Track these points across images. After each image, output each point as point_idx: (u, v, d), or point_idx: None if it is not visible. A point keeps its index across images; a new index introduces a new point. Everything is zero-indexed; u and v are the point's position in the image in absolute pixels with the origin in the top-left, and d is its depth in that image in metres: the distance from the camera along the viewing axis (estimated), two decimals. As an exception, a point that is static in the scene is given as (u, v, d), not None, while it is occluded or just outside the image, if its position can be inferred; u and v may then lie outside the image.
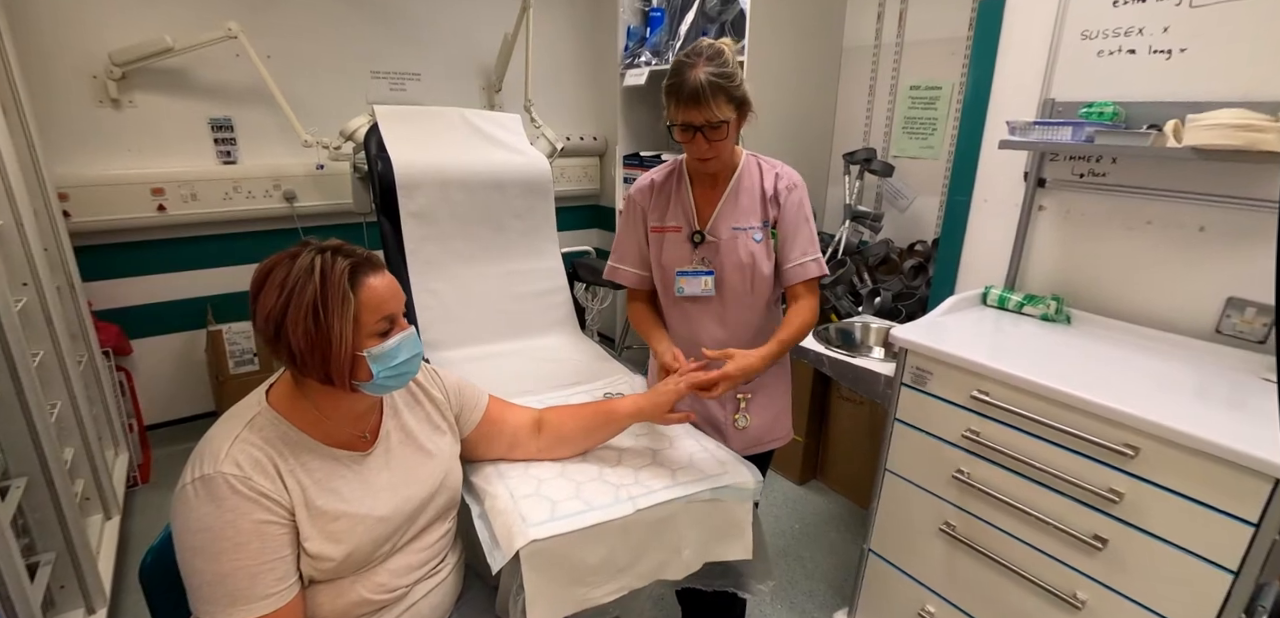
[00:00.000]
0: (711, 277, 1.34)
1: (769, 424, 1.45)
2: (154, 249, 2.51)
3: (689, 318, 1.40)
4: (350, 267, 0.89)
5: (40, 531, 1.48)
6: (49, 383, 1.67)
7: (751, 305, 1.37)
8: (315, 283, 0.86)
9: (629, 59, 2.78)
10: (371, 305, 0.91)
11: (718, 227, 1.33)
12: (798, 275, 1.33)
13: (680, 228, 1.36)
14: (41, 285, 1.68)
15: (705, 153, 1.23)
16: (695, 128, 1.20)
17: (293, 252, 0.90)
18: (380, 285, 0.93)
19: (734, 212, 1.33)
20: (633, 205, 1.42)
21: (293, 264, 0.88)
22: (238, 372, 2.59)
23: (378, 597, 0.98)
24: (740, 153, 1.36)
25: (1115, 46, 1.46)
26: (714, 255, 1.34)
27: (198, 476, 0.84)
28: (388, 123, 2.00)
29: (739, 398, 1.41)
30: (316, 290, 0.86)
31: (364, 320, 0.90)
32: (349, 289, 0.88)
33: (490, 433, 1.21)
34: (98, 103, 2.31)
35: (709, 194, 1.35)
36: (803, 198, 1.34)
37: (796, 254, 1.33)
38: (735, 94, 1.19)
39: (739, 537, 1.22)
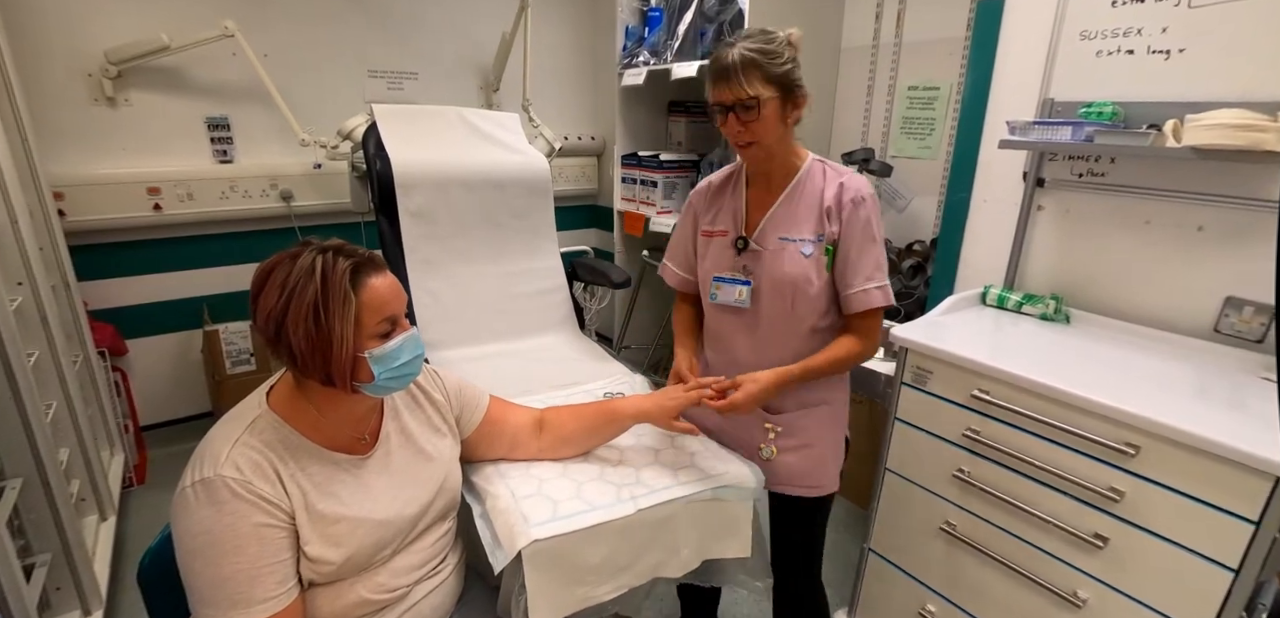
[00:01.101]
0: (748, 287, 1.24)
1: (804, 468, 1.29)
2: (150, 249, 2.50)
3: (722, 329, 1.32)
4: (352, 267, 0.89)
5: (36, 532, 1.47)
6: (44, 383, 1.66)
7: (790, 327, 1.23)
8: (316, 283, 0.86)
9: (627, 59, 2.78)
10: (373, 306, 0.90)
11: (765, 234, 1.23)
12: (859, 303, 1.18)
13: (727, 232, 1.27)
14: (36, 285, 1.67)
15: (739, 136, 1.14)
16: (727, 107, 1.12)
17: (294, 251, 0.89)
18: (382, 286, 0.92)
19: (785, 219, 1.21)
20: (689, 207, 1.36)
21: (293, 264, 0.87)
22: (234, 372, 2.58)
23: (378, 597, 0.97)
24: (804, 155, 1.23)
25: (1114, 47, 1.47)
26: (755, 264, 1.24)
27: (198, 478, 0.83)
28: (386, 122, 2.00)
29: (767, 427, 1.29)
30: (317, 291, 0.86)
31: (365, 321, 0.89)
32: (350, 290, 0.88)
33: (491, 434, 1.20)
34: (93, 101, 2.29)
35: (763, 197, 1.24)
36: (871, 215, 1.17)
37: (859, 279, 1.18)
38: (773, 71, 1.10)
39: (737, 535, 1.22)
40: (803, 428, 1.29)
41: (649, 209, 2.83)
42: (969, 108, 1.72)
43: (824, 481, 1.31)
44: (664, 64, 2.59)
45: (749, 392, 1.17)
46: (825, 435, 1.30)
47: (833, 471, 1.32)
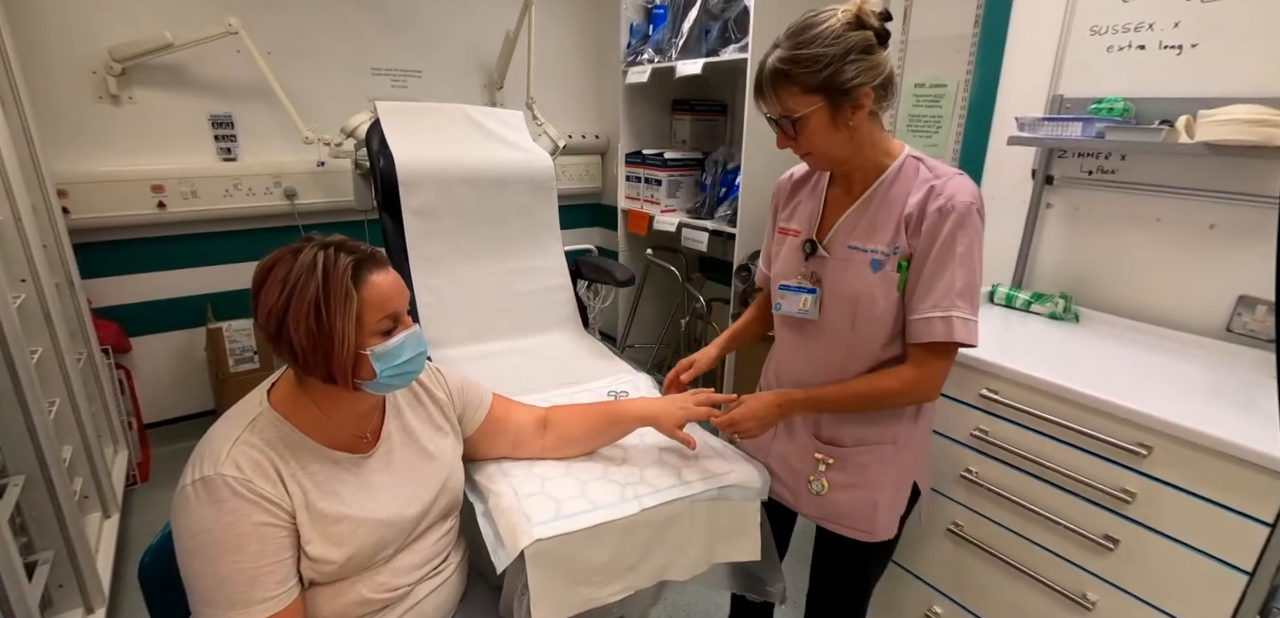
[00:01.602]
0: (813, 296, 1.11)
1: (852, 509, 1.16)
2: (154, 246, 2.50)
3: (783, 343, 1.21)
4: (353, 263, 0.88)
5: (38, 529, 1.47)
6: (47, 381, 1.66)
7: (851, 349, 1.10)
8: (317, 280, 0.85)
9: (631, 57, 2.77)
10: (375, 303, 0.89)
11: (835, 239, 1.09)
12: (917, 333, 1.02)
13: (799, 232, 1.15)
14: (40, 282, 1.67)
15: (793, 148, 1.04)
16: (774, 120, 1.03)
17: (295, 248, 0.88)
18: (384, 283, 0.91)
19: (859, 226, 1.07)
20: (771, 198, 1.25)
21: (294, 260, 0.86)
22: (238, 370, 2.57)
23: (379, 596, 0.97)
24: (896, 150, 1.06)
25: (1125, 42, 1.45)
26: (823, 272, 1.11)
27: (198, 477, 0.82)
28: (390, 119, 1.99)
29: (818, 458, 1.18)
30: (319, 287, 0.85)
31: (367, 319, 0.89)
32: (352, 286, 0.87)
33: (494, 432, 1.19)
34: (97, 99, 2.29)
35: (841, 198, 1.11)
36: (959, 229, 0.97)
37: (925, 305, 1.00)
38: (812, 79, 0.95)
39: (746, 537, 1.21)
40: (859, 466, 1.15)
41: (653, 208, 2.82)
42: (977, 105, 1.70)
43: (875, 526, 1.16)
44: (668, 62, 2.58)
45: (748, 409, 1.12)
46: (883, 478, 1.15)
47: (887, 517, 1.16)
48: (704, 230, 2.58)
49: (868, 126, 1.02)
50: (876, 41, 0.95)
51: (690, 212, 2.76)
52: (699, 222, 2.62)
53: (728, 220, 2.50)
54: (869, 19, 0.94)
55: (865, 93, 0.96)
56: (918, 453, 1.17)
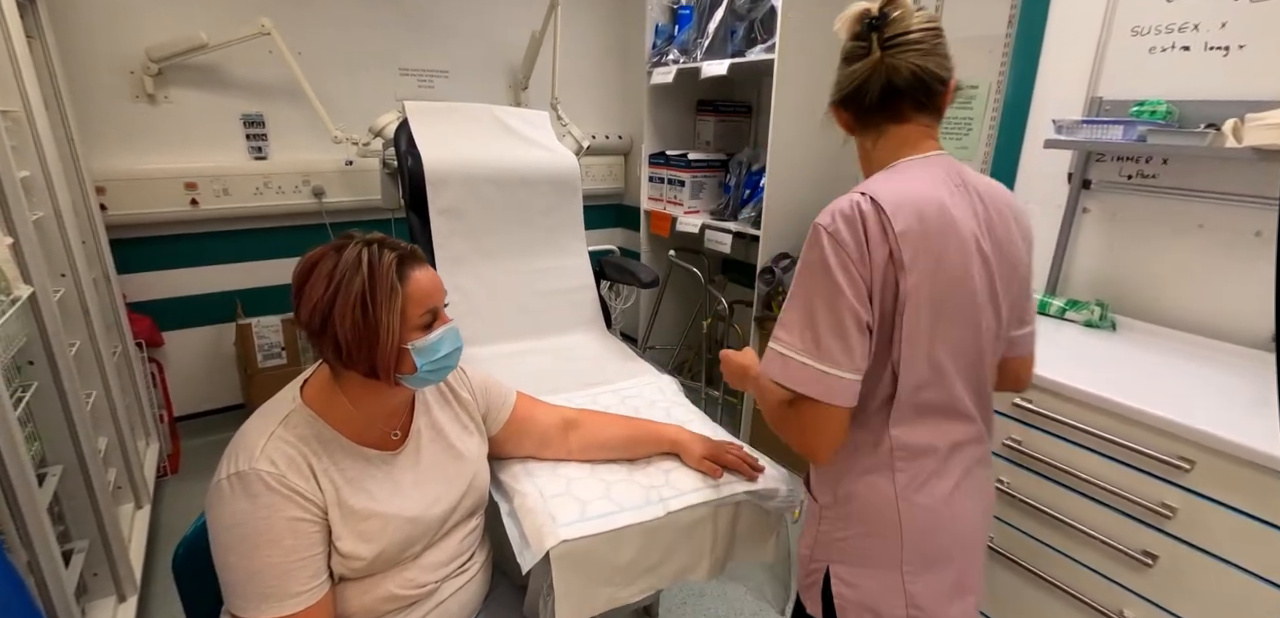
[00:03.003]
0: None
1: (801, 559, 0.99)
2: (186, 243, 2.55)
3: None
4: (397, 259, 0.90)
5: (75, 518, 1.50)
6: (85, 373, 1.69)
7: None
8: (364, 275, 0.87)
9: (656, 57, 2.76)
10: (417, 298, 0.91)
11: None
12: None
13: None
14: (79, 277, 1.71)
15: None
16: None
17: (338, 244, 0.90)
18: (424, 279, 0.93)
19: None
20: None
21: (339, 257, 0.88)
22: (266, 366, 2.61)
23: (407, 593, 0.97)
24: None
25: (1168, 43, 1.41)
26: None
27: (233, 471, 0.83)
28: (417, 119, 2.00)
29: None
30: (365, 282, 0.87)
31: (410, 313, 0.90)
32: (397, 281, 0.89)
33: (519, 431, 1.19)
34: (135, 98, 2.35)
35: None
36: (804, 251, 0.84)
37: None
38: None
39: (765, 541, 1.20)
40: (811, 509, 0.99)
41: (676, 209, 2.81)
42: (1011, 107, 1.67)
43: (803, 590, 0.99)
44: (693, 62, 2.57)
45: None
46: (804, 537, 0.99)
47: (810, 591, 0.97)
48: (727, 232, 2.56)
49: (875, 147, 0.91)
50: (857, 47, 0.88)
51: (713, 213, 2.75)
52: (722, 223, 2.61)
53: (752, 222, 2.48)
54: (844, 23, 0.90)
55: (834, 108, 0.95)
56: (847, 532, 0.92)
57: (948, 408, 0.88)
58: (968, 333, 0.86)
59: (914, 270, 0.80)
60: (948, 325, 0.84)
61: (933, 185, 0.84)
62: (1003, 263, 0.88)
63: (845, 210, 0.81)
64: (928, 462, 0.88)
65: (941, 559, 0.89)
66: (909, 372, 0.84)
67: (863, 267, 0.80)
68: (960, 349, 0.87)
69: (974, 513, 0.92)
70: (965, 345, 0.87)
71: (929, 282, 0.81)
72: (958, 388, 0.88)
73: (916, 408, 0.87)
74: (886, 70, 0.85)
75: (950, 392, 0.87)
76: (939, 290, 0.82)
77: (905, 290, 0.80)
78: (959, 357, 0.87)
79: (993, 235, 0.87)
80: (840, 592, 0.92)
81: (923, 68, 0.85)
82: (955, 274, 0.83)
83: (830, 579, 0.93)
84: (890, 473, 0.88)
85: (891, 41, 0.85)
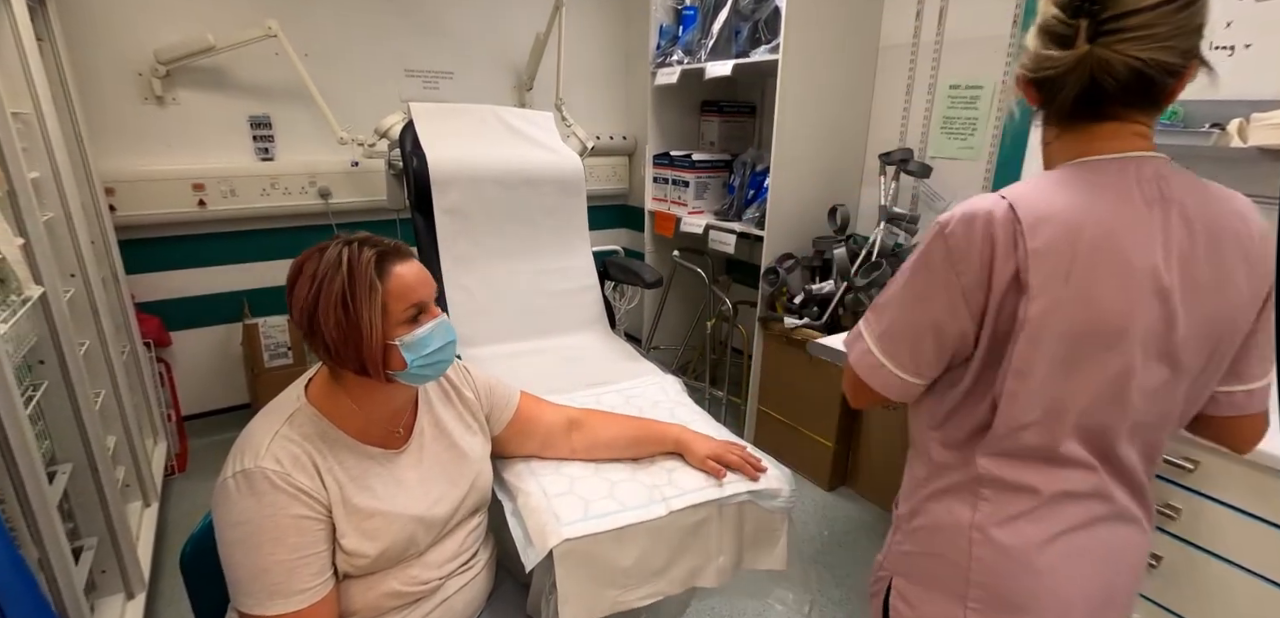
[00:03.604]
0: None
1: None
2: (194, 244, 2.57)
3: None
4: (377, 256, 0.90)
5: (84, 516, 1.52)
6: (94, 373, 1.71)
7: None
8: (343, 273, 0.88)
9: (661, 58, 2.76)
10: (398, 293, 0.91)
11: None
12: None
13: None
14: (88, 277, 1.73)
15: None
16: None
17: (322, 246, 0.91)
18: (407, 273, 0.93)
19: None
20: None
21: (321, 257, 0.89)
22: (273, 365, 2.63)
23: (410, 589, 0.98)
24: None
25: (1173, 42, 1.40)
26: None
27: (239, 470, 0.84)
28: (423, 120, 2.02)
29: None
30: (345, 281, 0.87)
31: (392, 308, 0.91)
32: (376, 278, 0.89)
33: (522, 431, 1.20)
34: (143, 100, 2.37)
35: None
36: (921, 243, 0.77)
37: None
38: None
39: (774, 546, 1.20)
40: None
41: (680, 209, 2.81)
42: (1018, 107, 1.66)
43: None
44: (698, 63, 2.57)
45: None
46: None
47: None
48: (731, 232, 2.57)
49: (1057, 139, 0.76)
50: (1059, 25, 0.70)
51: (717, 213, 2.75)
52: (726, 224, 2.61)
53: (756, 223, 2.48)
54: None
55: (1021, 82, 0.77)
56: (914, 548, 0.87)
57: (1053, 455, 0.75)
58: (1110, 383, 0.71)
59: (1043, 297, 0.68)
60: (1085, 370, 0.71)
61: (1107, 199, 0.69)
62: (1199, 305, 0.70)
63: (972, 212, 0.70)
64: (1020, 500, 0.77)
65: (1017, 610, 0.77)
66: (1012, 408, 0.73)
67: (974, 280, 0.71)
68: (1098, 400, 0.72)
69: (1082, 577, 0.77)
70: (1105, 396, 0.72)
71: (1064, 314, 0.68)
72: (1072, 440, 0.74)
73: (1014, 450, 0.76)
74: (1093, 65, 0.67)
75: (1059, 438, 0.74)
76: (1079, 326, 0.69)
77: (1025, 317, 0.69)
78: (1094, 408, 0.72)
79: (1188, 272, 0.69)
80: (897, 607, 0.87)
81: (1149, 60, 0.65)
82: (1106, 312, 0.68)
83: (891, 592, 0.89)
84: (972, 500, 0.79)
85: (1108, 27, 0.65)
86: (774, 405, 2.57)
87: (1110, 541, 0.78)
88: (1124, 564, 0.80)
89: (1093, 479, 0.76)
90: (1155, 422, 0.75)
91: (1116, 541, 0.78)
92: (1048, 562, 0.76)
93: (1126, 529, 0.79)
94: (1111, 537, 0.78)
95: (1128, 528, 0.79)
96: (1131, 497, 0.78)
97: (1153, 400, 0.73)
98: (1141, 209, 0.69)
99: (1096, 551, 0.77)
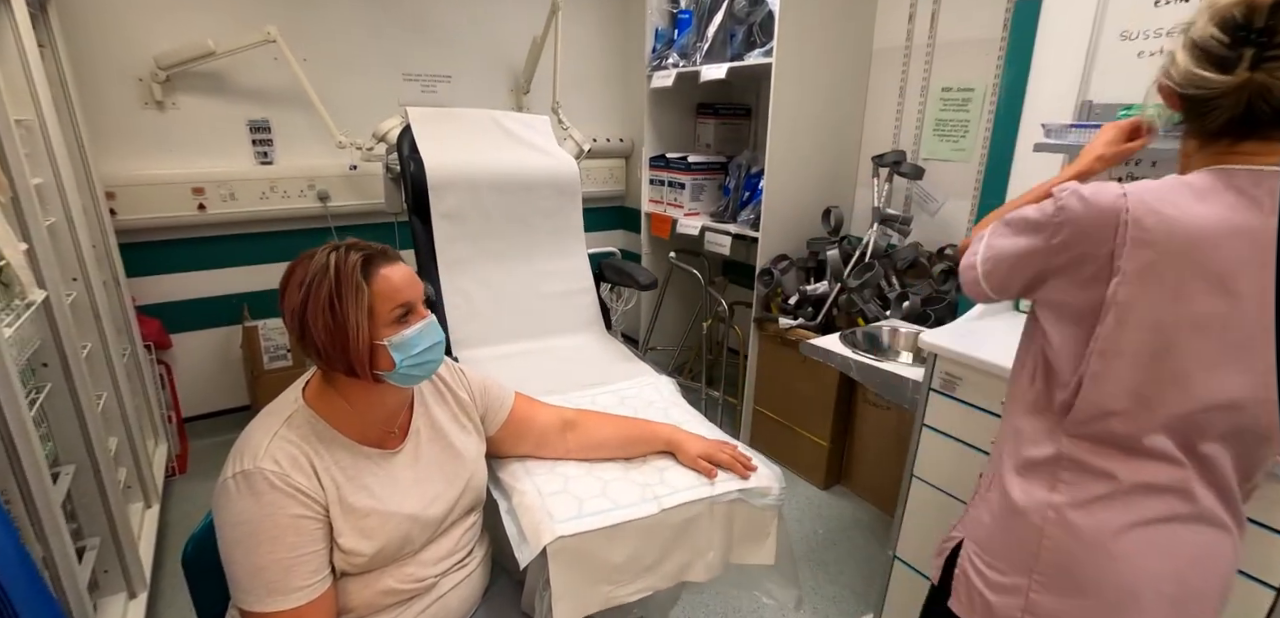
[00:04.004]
0: None
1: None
2: (194, 247, 2.59)
3: None
4: (363, 259, 0.92)
5: (86, 517, 1.54)
6: (96, 375, 1.73)
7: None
8: (330, 277, 0.90)
9: (656, 61, 2.79)
10: (385, 294, 0.93)
11: None
12: None
13: None
14: (90, 280, 1.75)
15: None
16: None
17: (311, 251, 0.94)
18: (393, 275, 0.95)
19: None
20: None
21: (310, 262, 0.92)
22: (272, 367, 2.65)
23: (406, 587, 1.00)
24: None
25: (1157, 47, 1.43)
26: None
27: (238, 470, 0.86)
28: (420, 124, 2.04)
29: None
30: (331, 284, 0.90)
31: (378, 310, 0.92)
32: (361, 280, 0.91)
33: (517, 431, 1.22)
34: (143, 105, 2.39)
35: None
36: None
37: None
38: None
39: (763, 541, 1.22)
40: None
41: (676, 211, 2.83)
42: (1004, 110, 1.69)
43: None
44: (693, 66, 2.59)
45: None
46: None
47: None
48: (727, 234, 2.59)
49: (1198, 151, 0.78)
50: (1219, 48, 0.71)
51: (713, 215, 2.77)
52: (722, 225, 2.63)
53: (751, 225, 2.50)
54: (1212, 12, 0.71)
55: (1164, 91, 0.79)
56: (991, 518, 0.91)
57: (1137, 445, 0.77)
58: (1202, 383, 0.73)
59: (1132, 283, 0.72)
60: (1173, 365, 0.73)
61: (1230, 206, 0.71)
62: None
63: (1091, 187, 0.75)
64: (1099, 485, 0.79)
65: (1081, 592, 0.80)
66: (1097, 390, 0.76)
67: (1075, 246, 0.76)
68: (1187, 397, 0.74)
69: (1154, 570, 0.78)
70: (1191, 396, 0.74)
71: (1154, 305, 0.72)
72: (1160, 433, 0.76)
73: (1098, 434, 0.79)
74: (1253, 92, 0.69)
75: (1145, 429, 0.76)
76: (1170, 319, 0.71)
77: (1111, 298, 0.73)
78: (1181, 404, 0.74)
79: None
80: (964, 568, 0.92)
81: None
82: (1198, 312, 0.71)
83: (959, 552, 0.94)
84: (1051, 481, 0.82)
85: (1271, 54, 0.67)
86: (770, 405, 2.59)
87: (1192, 541, 0.78)
88: (1206, 568, 0.80)
89: (1177, 475, 0.77)
90: (1252, 430, 0.75)
91: (1199, 542, 0.79)
92: (1123, 548, 0.78)
93: (1211, 533, 0.79)
94: (1194, 537, 0.78)
95: (1212, 532, 0.79)
96: (1219, 499, 0.78)
97: (1233, 414, 0.74)
98: (1265, 219, 0.70)
99: (1173, 547, 0.78)
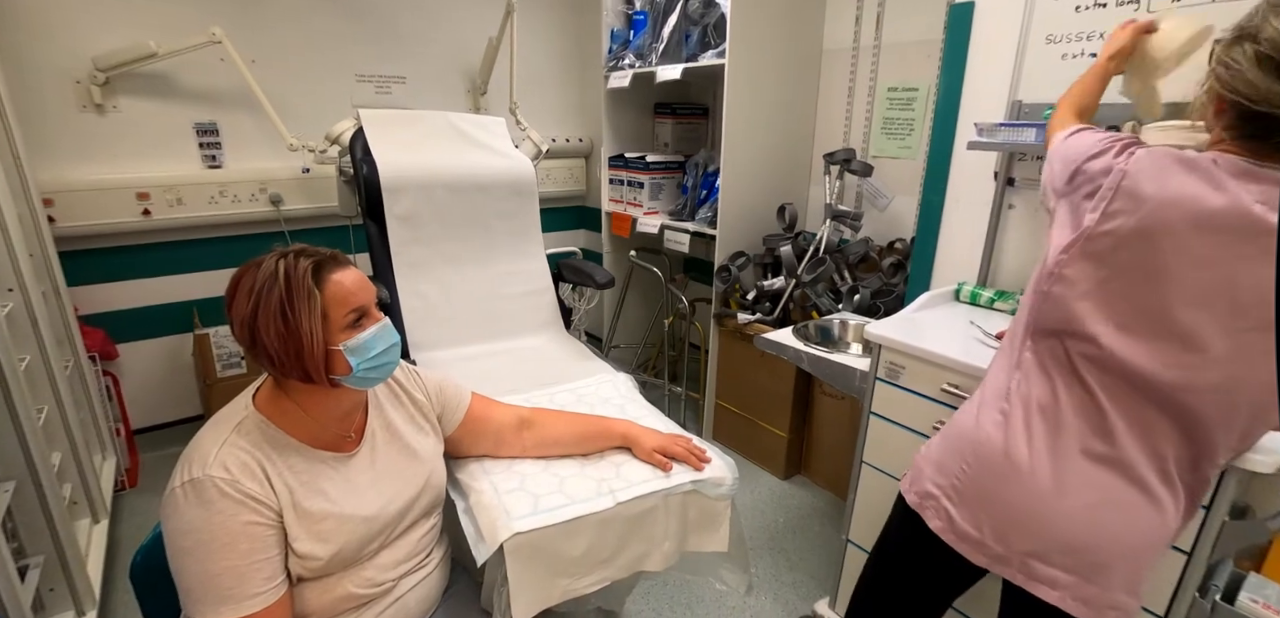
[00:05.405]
0: None
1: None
2: (140, 254, 2.51)
3: None
4: (313, 265, 0.92)
5: (29, 534, 1.49)
6: (36, 388, 1.68)
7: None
8: (281, 285, 0.89)
9: (613, 62, 2.81)
10: (338, 299, 0.93)
11: None
12: None
13: None
14: (27, 291, 1.69)
15: None
16: None
17: (258, 259, 0.93)
18: (346, 280, 0.95)
19: None
20: None
21: (258, 270, 0.91)
22: (225, 375, 2.60)
23: (364, 592, 1.01)
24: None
25: (1078, 50, 1.51)
26: None
27: (187, 479, 0.86)
28: (372, 126, 2.02)
29: None
30: (283, 291, 0.89)
31: (332, 315, 0.93)
32: (314, 286, 0.91)
33: (474, 431, 1.24)
34: (82, 108, 2.31)
35: None
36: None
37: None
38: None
39: (717, 530, 1.26)
40: None
41: (636, 210, 2.87)
42: (942, 109, 1.76)
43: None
44: (649, 67, 2.63)
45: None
46: None
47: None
48: (686, 232, 2.63)
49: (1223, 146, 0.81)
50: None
51: (672, 214, 2.81)
52: (681, 223, 2.68)
53: (708, 222, 2.55)
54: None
55: (1213, 97, 0.81)
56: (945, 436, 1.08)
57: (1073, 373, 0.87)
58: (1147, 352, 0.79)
59: (1108, 218, 0.80)
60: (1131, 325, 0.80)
61: (1217, 187, 0.74)
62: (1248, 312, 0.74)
63: (1111, 135, 0.88)
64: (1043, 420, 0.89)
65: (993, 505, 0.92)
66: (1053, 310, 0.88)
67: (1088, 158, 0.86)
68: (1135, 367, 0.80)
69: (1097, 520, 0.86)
70: (1141, 367, 0.80)
71: (1122, 250, 0.79)
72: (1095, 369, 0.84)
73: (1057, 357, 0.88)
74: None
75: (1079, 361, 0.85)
76: (1137, 272, 0.78)
77: (1084, 225, 0.83)
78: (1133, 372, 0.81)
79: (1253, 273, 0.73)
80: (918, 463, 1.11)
81: None
82: (1158, 271, 0.77)
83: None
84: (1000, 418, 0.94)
85: None
86: (731, 399, 2.65)
87: (1131, 503, 0.85)
88: (1142, 529, 0.86)
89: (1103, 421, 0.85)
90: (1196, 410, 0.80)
91: (1135, 504, 0.85)
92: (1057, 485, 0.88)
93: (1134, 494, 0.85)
94: (1130, 499, 0.85)
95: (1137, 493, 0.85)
96: (1164, 485, 0.85)
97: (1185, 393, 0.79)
98: (1253, 205, 0.73)
99: (1115, 503, 0.86)
